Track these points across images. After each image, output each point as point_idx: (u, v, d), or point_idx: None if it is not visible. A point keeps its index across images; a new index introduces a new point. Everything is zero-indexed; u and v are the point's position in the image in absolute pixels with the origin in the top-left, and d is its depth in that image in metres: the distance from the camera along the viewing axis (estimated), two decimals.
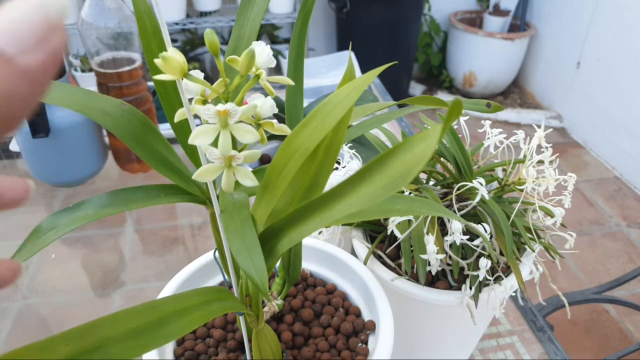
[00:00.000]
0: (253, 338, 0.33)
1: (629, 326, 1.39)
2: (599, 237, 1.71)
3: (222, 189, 0.27)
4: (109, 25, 0.71)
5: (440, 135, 0.17)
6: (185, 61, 0.23)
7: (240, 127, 0.23)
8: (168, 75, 0.23)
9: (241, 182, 0.24)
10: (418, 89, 2.75)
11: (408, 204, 0.30)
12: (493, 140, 0.46)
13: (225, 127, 0.22)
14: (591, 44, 2.19)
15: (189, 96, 0.24)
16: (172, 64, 0.22)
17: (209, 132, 0.22)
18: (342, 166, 0.50)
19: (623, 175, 2.04)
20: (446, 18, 2.66)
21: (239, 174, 0.24)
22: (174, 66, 0.22)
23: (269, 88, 0.26)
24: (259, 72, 0.25)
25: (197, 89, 0.24)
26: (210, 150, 0.23)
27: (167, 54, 0.22)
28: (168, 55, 0.22)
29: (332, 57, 1.26)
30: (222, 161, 0.24)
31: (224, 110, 0.22)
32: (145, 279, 0.68)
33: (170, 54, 0.22)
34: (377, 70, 0.24)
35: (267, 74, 0.26)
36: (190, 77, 0.23)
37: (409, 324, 0.46)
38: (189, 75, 0.23)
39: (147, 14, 0.29)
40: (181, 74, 0.23)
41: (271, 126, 0.25)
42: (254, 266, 0.23)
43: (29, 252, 0.27)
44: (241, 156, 0.24)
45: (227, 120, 0.22)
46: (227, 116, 0.22)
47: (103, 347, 0.17)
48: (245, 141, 0.23)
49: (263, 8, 0.30)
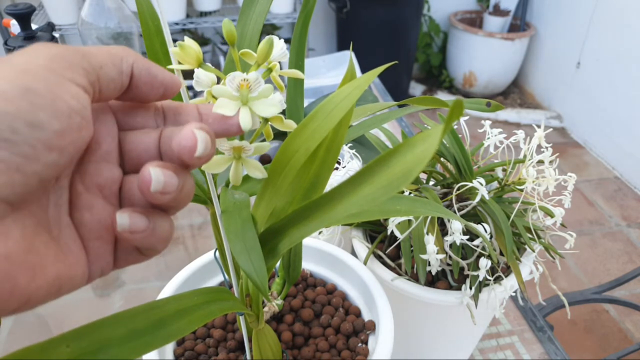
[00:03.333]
0: (253, 338, 0.33)
1: (629, 326, 1.39)
2: (599, 237, 1.71)
3: (224, 188, 0.27)
4: (109, 25, 0.71)
5: (441, 136, 0.17)
6: (201, 51, 0.23)
7: (261, 102, 0.22)
8: (185, 64, 0.23)
9: (250, 174, 0.24)
10: (418, 89, 2.75)
11: (408, 204, 0.30)
12: (493, 140, 0.46)
13: (246, 103, 0.22)
14: (591, 44, 2.19)
15: (200, 88, 0.24)
16: (189, 52, 0.23)
17: (230, 106, 0.22)
18: (343, 166, 0.50)
19: (623, 175, 2.03)
20: (446, 18, 2.66)
21: (248, 166, 0.24)
22: (191, 55, 0.23)
23: (279, 83, 0.26)
24: (273, 65, 0.25)
25: (208, 80, 0.24)
26: (220, 141, 0.23)
27: (184, 43, 0.22)
28: (186, 44, 0.22)
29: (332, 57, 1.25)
30: (232, 152, 0.24)
31: (246, 81, 0.22)
32: (145, 279, 0.68)
33: (188, 43, 0.22)
34: (377, 70, 0.24)
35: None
36: (205, 67, 0.23)
37: (409, 324, 0.46)
38: (203, 64, 0.23)
39: (150, 14, 0.29)
40: (197, 62, 0.23)
41: (280, 121, 0.25)
42: (254, 267, 0.23)
43: None
44: (252, 147, 0.24)
45: (248, 95, 0.22)
46: (249, 89, 0.22)
47: (104, 348, 0.17)
48: (267, 115, 0.22)
49: (266, 8, 0.30)
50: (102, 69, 0.19)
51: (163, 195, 0.19)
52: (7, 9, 0.71)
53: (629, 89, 1.99)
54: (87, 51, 0.19)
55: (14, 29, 0.80)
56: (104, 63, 0.19)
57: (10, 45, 0.71)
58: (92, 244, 0.20)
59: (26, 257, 0.16)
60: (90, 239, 0.19)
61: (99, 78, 0.19)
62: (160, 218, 0.20)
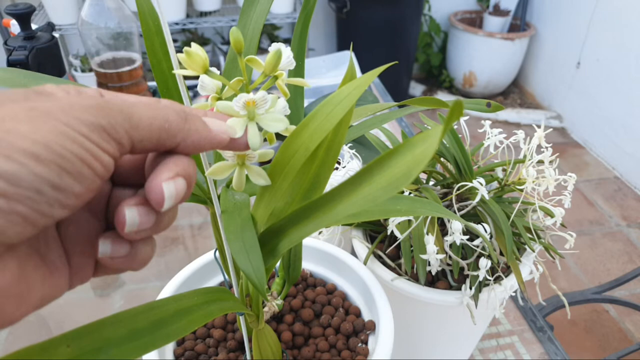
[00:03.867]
0: (253, 338, 0.33)
1: (629, 326, 1.39)
2: (599, 237, 1.71)
3: (224, 189, 0.27)
4: (109, 25, 0.71)
5: (440, 136, 0.17)
6: (207, 57, 0.23)
7: (268, 117, 0.22)
8: (190, 70, 0.23)
9: (254, 181, 0.24)
10: (418, 89, 2.75)
11: (408, 204, 0.30)
12: (493, 140, 0.46)
13: (252, 118, 0.22)
14: (591, 44, 2.19)
15: (204, 93, 0.24)
16: (196, 59, 0.22)
17: (239, 124, 0.22)
18: (343, 166, 0.50)
19: (623, 175, 2.03)
20: (446, 18, 2.66)
21: (252, 173, 0.24)
22: (197, 62, 0.23)
23: (283, 90, 0.26)
24: (279, 73, 0.25)
25: (213, 85, 0.24)
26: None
27: (191, 50, 0.22)
28: (192, 51, 0.22)
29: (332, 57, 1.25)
30: (235, 159, 0.24)
31: (252, 100, 0.22)
32: (145, 279, 0.68)
33: (194, 50, 0.22)
34: (378, 71, 0.24)
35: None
36: (210, 74, 0.23)
37: (409, 324, 0.46)
38: (209, 71, 0.23)
39: (151, 14, 0.29)
40: (203, 69, 0.23)
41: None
42: (253, 267, 0.23)
43: None
44: (256, 154, 0.24)
45: (255, 111, 0.22)
46: (255, 107, 0.22)
47: (104, 348, 0.17)
48: (274, 130, 0.23)
49: (266, 8, 0.30)
50: (141, 143, 0.18)
51: (138, 233, 0.19)
52: (7, 9, 0.71)
53: (629, 89, 1.99)
54: (132, 114, 0.18)
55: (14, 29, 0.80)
56: (146, 137, 0.18)
57: (10, 45, 0.71)
58: (76, 259, 0.20)
59: (18, 287, 0.17)
60: (74, 253, 0.20)
61: (134, 147, 0.18)
62: (142, 243, 0.20)
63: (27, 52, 0.68)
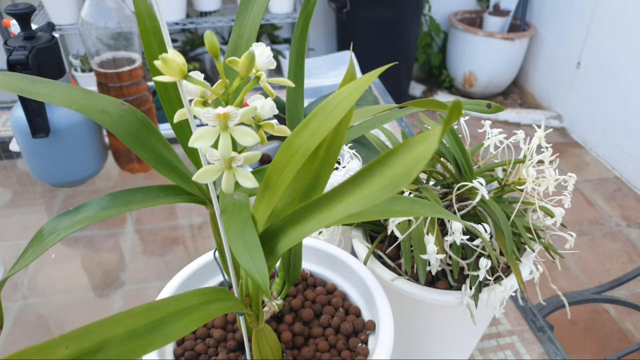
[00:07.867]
0: (253, 338, 0.33)
1: (629, 326, 1.39)
2: (599, 237, 1.71)
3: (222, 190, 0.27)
4: (109, 25, 0.71)
5: (440, 136, 0.17)
6: (185, 62, 0.23)
7: (240, 130, 0.23)
8: (168, 76, 0.23)
9: (241, 183, 0.24)
10: (418, 89, 2.75)
11: (408, 205, 0.30)
12: (493, 140, 0.46)
13: (225, 129, 0.22)
14: (591, 44, 2.19)
15: (189, 97, 0.24)
16: (172, 65, 0.22)
17: (209, 135, 0.22)
18: (343, 166, 0.50)
19: (623, 175, 2.03)
20: (446, 18, 2.66)
21: (239, 176, 0.24)
22: (174, 68, 0.22)
23: (269, 89, 0.26)
24: (259, 73, 0.25)
25: (197, 90, 0.24)
26: (210, 152, 0.23)
27: (166, 56, 0.22)
28: (168, 57, 0.22)
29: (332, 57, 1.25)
30: (223, 162, 0.24)
31: (223, 114, 0.22)
32: (145, 279, 0.68)
33: (170, 56, 0.22)
34: (378, 71, 0.24)
35: (267, 75, 0.26)
36: (190, 79, 0.23)
37: (409, 324, 0.46)
38: (188, 76, 0.23)
39: (148, 14, 0.29)
40: (181, 75, 0.23)
41: (271, 127, 0.25)
42: (256, 266, 0.23)
43: (32, 256, 0.27)
44: (241, 158, 0.24)
45: (227, 123, 0.22)
46: (227, 119, 0.22)
47: (103, 348, 0.17)
48: (245, 143, 0.23)
49: (263, 7, 0.30)
50: None
51: None
52: (7, 9, 0.71)
53: (629, 89, 1.99)
54: None
55: (14, 29, 0.80)
56: None
57: (10, 45, 0.71)
58: None
59: None
60: None
61: None
62: None
63: (27, 52, 0.68)
